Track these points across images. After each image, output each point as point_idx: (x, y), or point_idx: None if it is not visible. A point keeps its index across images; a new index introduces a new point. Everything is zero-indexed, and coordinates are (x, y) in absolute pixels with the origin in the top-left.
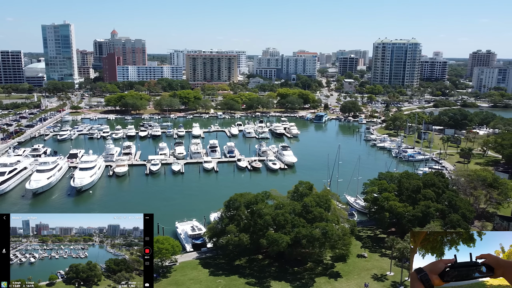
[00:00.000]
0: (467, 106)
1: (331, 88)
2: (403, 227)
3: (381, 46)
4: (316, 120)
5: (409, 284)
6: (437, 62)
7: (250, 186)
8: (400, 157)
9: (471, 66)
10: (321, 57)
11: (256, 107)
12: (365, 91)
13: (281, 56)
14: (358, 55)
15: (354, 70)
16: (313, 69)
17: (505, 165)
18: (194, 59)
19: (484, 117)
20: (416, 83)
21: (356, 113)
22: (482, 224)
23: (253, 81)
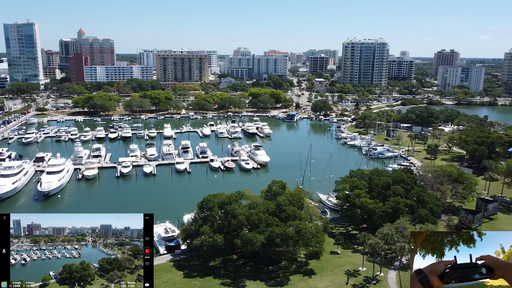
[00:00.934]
0: (433, 104)
1: (302, 87)
2: (374, 223)
3: (350, 45)
4: (288, 119)
5: (381, 279)
6: (404, 61)
7: (224, 186)
8: (370, 155)
9: (436, 65)
10: (292, 57)
11: (228, 107)
12: (335, 90)
13: (252, 56)
14: (328, 55)
15: (324, 69)
16: (284, 69)
17: (469, 160)
18: (165, 59)
19: (449, 115)
20: (384, 82)
21: (327, 112)
22: (448, 218)
23: (224, 81)
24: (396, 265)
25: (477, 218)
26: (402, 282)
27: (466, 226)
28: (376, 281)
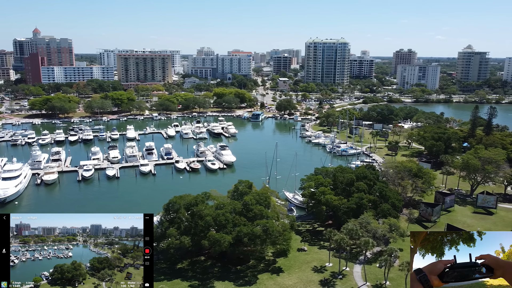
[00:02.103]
0: (392, 101)
1: (266, 87)
2: (339, 219)
3: (313, 45)
4: (253, 119)
5: (347, 273)
6: (365, 60)
7: (190, 187)
8: (334, 152)
9: (395, 64)
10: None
11: (193, 107)
12: (299, 89)
13: (216, 56)
14: (292, 54)
15: (288, 69)
16: (248, 68)
17: (427, 155)
18: (126, 59)
19: (408, 112)
20: (346, 80)
21: (292, 111)
22: (409, 211)
23: (188, 81)
24: (361, 259)
25: (435, 210)
26: (367, 276)
27: (426, 219)
28: (343, 276)
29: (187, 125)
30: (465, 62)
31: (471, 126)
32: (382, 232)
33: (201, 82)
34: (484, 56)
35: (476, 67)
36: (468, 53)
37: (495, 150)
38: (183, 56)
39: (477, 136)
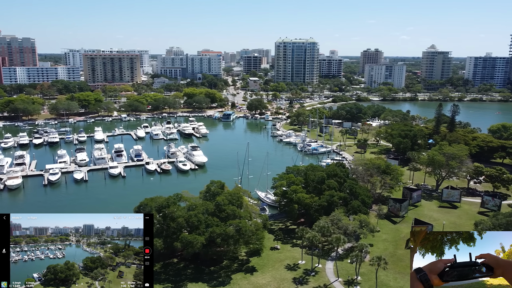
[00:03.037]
0: (361, 100)
1: (237, 86)
2: (311, 217)
3: (283, 45)
4: (224, 118)
5: (319, 270)
6: (334, 60)
7: (161, 189)
8: (305, 151)
9: (363, 64)
10: (225, 56)
11: (163, 107)
12: (270, 89)
13: (185, 55)
14: (262, 54)
15: (258, 68)
16: (218, 68)
17: (395, 152)
18: (93, 59)
19: (376, 110)
20: (315, 80)
21: (262, 110)
22: (379, 207)
23: (158, 81)
24: (333, 256)
25: (403, 206)
26: (339, 272)
27: (394, 214)
28: (315, 273)
29: (157, 126)
30: (429, 61)
31: (436, 123)
32: (353, 228)
33: (171, 82)
34: (446, 56)
35: (439, 66)
36: (432, 53)
37: (458, 146)
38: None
39: (442, 133)
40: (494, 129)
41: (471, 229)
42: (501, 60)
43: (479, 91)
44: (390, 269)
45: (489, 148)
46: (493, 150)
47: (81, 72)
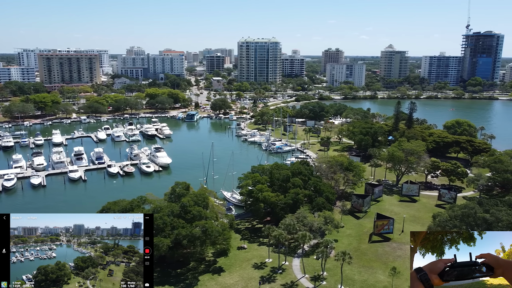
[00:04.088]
0: (323, 99)
1: (200, 86)
2: (277, 215)
3: (245, 45)
4: (187, 119)
5: (286, 267)
6: (296, 59)
7: (124, 192)
8: (269, 150)
9: (324, 63)
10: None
11: (124, 108)
12: (233, 89)
13: (147, 55)
14: (225, 54)
15: (221, 68)
16: (181, 68)
17: (356, 149)
18: (49, 59)
19: (338, 109)
20: (279, 79)
21: (226, 110)
22: (342, 203)
23: (118, 81)
24: (299, 253)
25: (366, 201)
26: (306, 268)
27: (358, 210)
28: (282, 270)
29: (119, 127)
30: (387, 61)
31: (395, 120)
32: (318, 225)
33: (132, 82)
34: (403, 55)
35: (397, 65)
36: (390, 52)
37: (416, 142)
38: (111, 56)
39: (400, 129)
40: (448, 125)
41: (430, 221)
42: (454, 59)
43: (434, 89)
44: (355, 263)
45: (445, 144)
46: (448, 145)
47: (36, 72)
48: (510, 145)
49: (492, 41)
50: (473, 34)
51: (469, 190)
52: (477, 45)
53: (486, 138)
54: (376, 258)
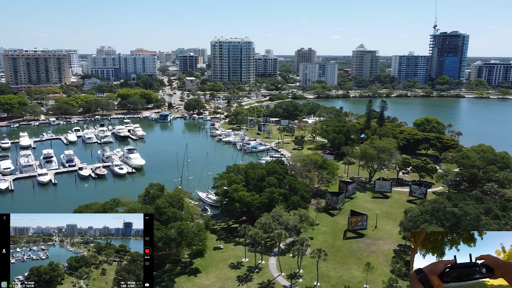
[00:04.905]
0: (296, 98)
1: (173, 86)
2: (252, 214)
3: (218, 44)
4: (161, 119)
5: (262, 266)
6: (269, 59)
7: (96, 195)
8: (244, 149)
9: (297, 62)
10: (160, 56)
11: (95, 109)
12: (207, 88)
13: (118, 55)
14: (198, 53)
15: (194, 68)
16: (153, 68)
17: (330, 148)
18: (15, 60)
19: (311, 107)
20: (252, 79)
21: (200, 110)
22: (317, 201)
23: (88, 82)
24: (276, 251)
25: (340, 199)
26: (282, 266)
27: (332, 207)
28: (259, 270)
29: (90, 129)
30: (359, 60)
31: (367, 118)
32: (294, 223)
33: (103, 83)
34: (374, 54)
35: (368, 64)
36: (361, 52)
37: (387, 140)
38: (81, 56)
39: (372, 127)
40: (418, 122)
41: (402, 216)
42: (422, 59)
43: (404, 88)
44: (330, 260)
45: (415, 141)
46: (418, 142)
47: (1, 73)
48: (476, 141)
49: (458, 41)
50: (440, 34)
51: (439, 185)
52: (444, 44)
53: (454, 134)
54: (350, 254)
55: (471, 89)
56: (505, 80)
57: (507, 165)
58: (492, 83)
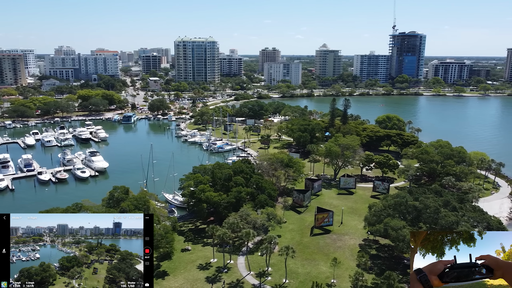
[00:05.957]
0: (262, 97)
1: (136, 87)
2: (220, 215)
3: (182, 44)
4: (124, 121)
5: (231, 266)
6: (234, 58)
7: (58, 200)
8: (210, 150)
9: (262, 62)
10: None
11: (55, 112)
12: (171, 89)
13: (78, 55)
14: (161, 53)
15: (158, 68)
16: (115, 68)
17: (296, 146)
18: None
19: (276, 107)
20: (217, 78)
21: (165, 110)
22: (284, 199)
23: (47, 83)
24: (244, 251)
25: (306, 196)
26: (251, 265)
27: (299, 205)
28: (228, 269)
29: (49, 131)
30: (322, 59)
31: (331, 117)
32: (261, 221)
33: (63, 84)
34: (337, 54)
35: (331, 63)
36: (324, 51)
37: (351, 137)
38: (38, 56)
39: (336, 125)
40: (380, 120)
41: (366, 211)
42: (382, 58)
43: (366, 86)
44: (298, 257)
45: (377, 138)
46: (380, 139)
47: None
48: (434, 137)
49: (416, 40)
50: (399, 34)
51: (400, 180)
52: (403, 44)
53: (414, 131)
54: (318, 250)
55: (428, 87)
56: (459, 78)
57: (463, 159)
58: (448, 81)
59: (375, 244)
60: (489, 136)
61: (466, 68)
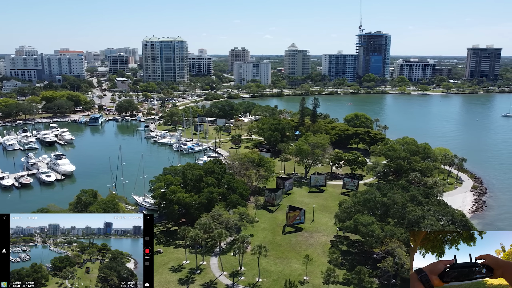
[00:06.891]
0: (232, 97)
1: (103, 88)
2: (192, 216)
3: (150, 44)
4: (91, 122)
5: (204, 267)
6: (203, 58)
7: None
8: (181, 151)
9: (231, 62)
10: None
11: (17, 114)
12: (140, 89)
13: (40, 55)
14: (128, 53)
15: (125, 68)
16: (80, 69)
17: (266, 145)
18: None
19: (247, 106)
20: (187, 79)
21: (133, 111)
22: (256, 199)
23: (8, 84)
24: (217, 251)
25: (278, 195)
26: (224, 266)
27: (271, 203)
28: (200, 271)
29: (11, 135)
30: (291, 59)
31: (300, 116)
32: (234, 221)
33: (25, 85)
34: (305, 54)
35: (300, 63)
36: (293, 51)
37: (321, 136)
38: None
39: (306, 124)
40: (348, 118)
41: (336, 208)
42: (350, 58)
43: (334, 85)
44: (270, 256)
45: (346, 136)
46: (349, 137)
47: None
48: (400, 134)
49: (381, 40)
50: (365, 34)
51: (369, 177)
52: (369, 44)
53: (381, 129)
54: (290, 248)
55: (394, 86)
56: (423, 77)
57: (428, 155)
58: (412, 80)
59: (346, 240)
60: (451, 132)
61: (430, 67)
